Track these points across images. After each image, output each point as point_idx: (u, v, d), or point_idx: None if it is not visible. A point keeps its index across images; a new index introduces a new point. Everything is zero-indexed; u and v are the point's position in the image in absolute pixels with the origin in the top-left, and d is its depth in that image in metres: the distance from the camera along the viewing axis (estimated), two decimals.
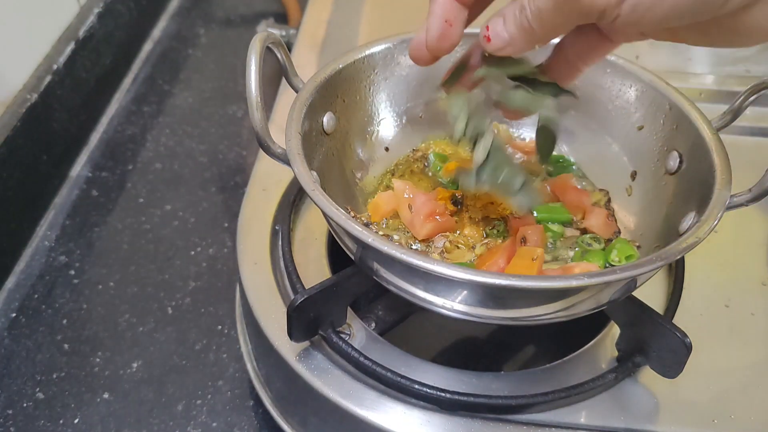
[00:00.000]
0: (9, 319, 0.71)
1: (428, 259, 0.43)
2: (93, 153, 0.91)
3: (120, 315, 0.72)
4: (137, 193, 0.85)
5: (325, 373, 0.53)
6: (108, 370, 0.67)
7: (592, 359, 0.55)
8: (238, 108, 0.98)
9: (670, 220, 0.54)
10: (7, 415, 0.63)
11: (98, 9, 0.93)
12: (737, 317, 0.59)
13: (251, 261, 0.60)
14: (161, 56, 1.07)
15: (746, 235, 0.66)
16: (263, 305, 0.58)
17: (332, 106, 0.58)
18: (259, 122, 0.48)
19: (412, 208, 0.57)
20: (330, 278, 0.52)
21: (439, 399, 0.51)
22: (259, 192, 0.66)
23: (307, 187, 0.47)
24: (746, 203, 0.49)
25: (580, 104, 0.63)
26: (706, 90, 0.80)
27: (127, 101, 0.99)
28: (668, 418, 0.52)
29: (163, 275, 0.76)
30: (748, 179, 0.50)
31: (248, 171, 0.70)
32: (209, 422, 0.63)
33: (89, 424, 0.63)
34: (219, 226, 0.81)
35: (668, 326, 0.50)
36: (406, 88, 0.63)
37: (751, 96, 0.54)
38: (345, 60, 0.59)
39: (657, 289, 0.60)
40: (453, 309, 0.48)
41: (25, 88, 0.80)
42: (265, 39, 0.49)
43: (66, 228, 0.81)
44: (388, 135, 0.64)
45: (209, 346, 0.69)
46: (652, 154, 0.59)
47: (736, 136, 0.71)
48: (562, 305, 0.47)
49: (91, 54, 0.92)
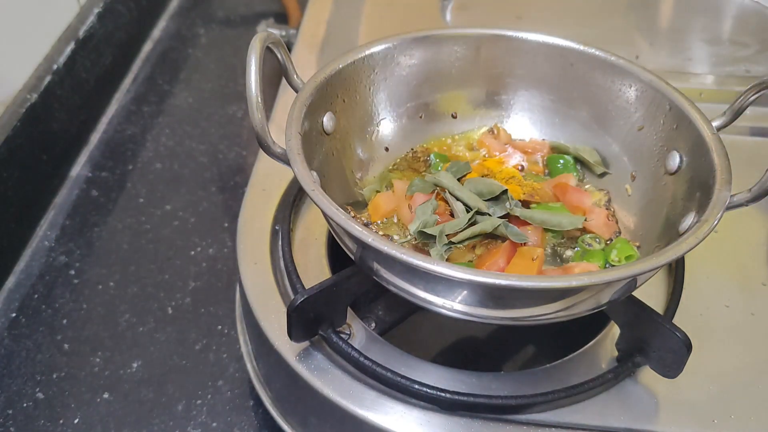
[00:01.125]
0: (9, 319, 0.71)
1: (428, 259, 0.43)
2: (93, 153, 0.91)
3: (120, 315, 0.72)
4: (137, 193, 0.85)
5: (325, 373, 0.53)
6: (108, 370, 0.67)
7: (592, 359, 0.55)
8: (238, 108, 0.98)
9: (670, 220, 0.54)
10: (7, 415, 0.63)
11: (98, 9, 0.93)
12: (737, 317, 0.59)
13: (251, 261, 0.60)
14: (161, 56, 1.07)
15: (746, 235, 0.66)
16: (263, 305, 0.58)
17: (332, 106, 0.58)
18: (259, 122, 0.48)
19: (412, 208, 0.57)
20: (330, 278, 0.52)
21: (439, 399, 0.51)
22: (259, 192, 0.66)
23: (307, 187, 0.47)
24: (746, 203, 0.49)
25: (581, 104, 0.64)
26: (706, 90, 0.80)
27: (127, 101, 0.99)
28: (668, 418, 0.52)
29: (163, 275, 0.76)
30: (748, 179, 0.49)
31: (248, 171, 0.70)
32: (209, 422, 0.63)
33: (89, 424, 0.63)
34: (219, 226, 0.81)
35: (668, 326, 0.50)
36: (406, 88, 0.63)
37: (751, 96, 0.54)
38: (345, 60, 0.59)
39: (657, 289, 0.60)
40: (453, 309, 0.48)
41: (25, 88, 0.80)
42: (265, 39, 0.49)
43: (66, 228, 0.81)
44: (388, 135, 0.64)
45: (209, 346, 0.69)
46: (652, 154, 0.59)
47: (736, 136, 0.71)
48: (562, 305, 0.47)
49: (91, 54, 0.92)
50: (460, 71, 0.64)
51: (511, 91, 0.66)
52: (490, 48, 0.64)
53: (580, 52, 0.62)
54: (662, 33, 0.93)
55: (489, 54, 0.64)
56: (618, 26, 0.92)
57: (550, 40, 0.63)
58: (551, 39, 0.63)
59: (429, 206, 0.56)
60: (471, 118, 0.66)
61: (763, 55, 0.86)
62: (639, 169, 0.60)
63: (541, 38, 0.63)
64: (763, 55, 0.86)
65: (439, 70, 0.64)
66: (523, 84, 0.65)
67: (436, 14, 0.90)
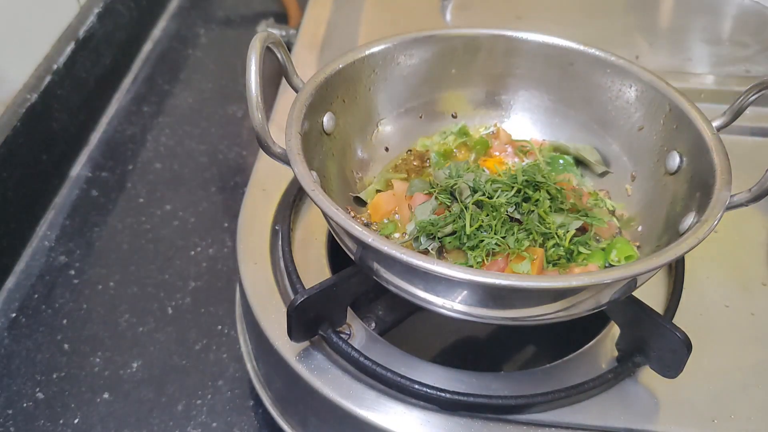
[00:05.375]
0: (9, 319, 0.71)
1: (428, 259, 0.43)
2: (93, 153, 0.91)
3: (120, 315, 0.72)
4: (137, 193, 0.85)
5: (325, 373, 0.53)
6: (108, 370, 0.67)
7: (592, 359, 0.55)
8: (238, 108, 0.98)
9: (670, 220, 0.54)
10: (7, 415, 0.63)
11: (98, 9, 0.93)
12: (737, 317, 0.59)
13: (251, 261, 0.60)
14: (161, 56, 1.07)
15: (746, 235, 0.66)
16: (263, 305, 0.58)
17: (332, 106, 0.58)
18: (259, 122, 0.48)
19: (412, 208, 0.57)
20: (330, 278, 0.52)
21: (439, 399, 0.51)
22: (259, 192, 0.66)
23: (307, 187, 0.47)
24: (746, 203, 0.49)
25: (581, 104, 0.64)
26: (706, 90, 0.80)
27: (127, 101, 0.99)
28: (668, 418, 0.52)
29: (163, 275, 0.76)
30: (748, 179, 0.49)
31: (248, 171, 0.70)
32: (209, 422, 0.63)
33: (89, 424, 0.63)
34: (219, 226, 0.81)
35: (668, 326, 0.50)
36: (406, 88, 0.63)
37: (751, 96, 0.54)
38: (345, 60, 0.59)
39: (657, 289, 0.60)
40: (453, 309, 0.48)
41: (25, 88, 0.80)
42: (265, 39, 0.49)
43: (66, 228, 0.81)
44: (388, 135, 0.64)
45: (209, 346, 0.69)
46: (652, 154, 0.59)
47: (736, 136, 0.71)
48: (562, 305, 0.47)
49: (91, 54, 0.92)
50: (460, 71, 0.65)
51: (511, 91, 0.66)
52: (490, 48, 0.64)
53: (580, 52, 0.62)
54: (662, 33, 0.93)
55: (489, 54, 0.64)
56: (618, 26, 0.92)
57: (550, 40, 0.63)
58: (551, 39, 0.63)
59: (429, 206, 0.56)
60: (471, 118, 0.66)
61: (763, 55, 0.86)
62: (639, 169, 0.60)
63: (541, 38, 0.63)
64: (763, 55, 0.86)
65: (439, 70, 0.64)
66: (523, 84, 0.65)
67: (436, 14, 0.90)
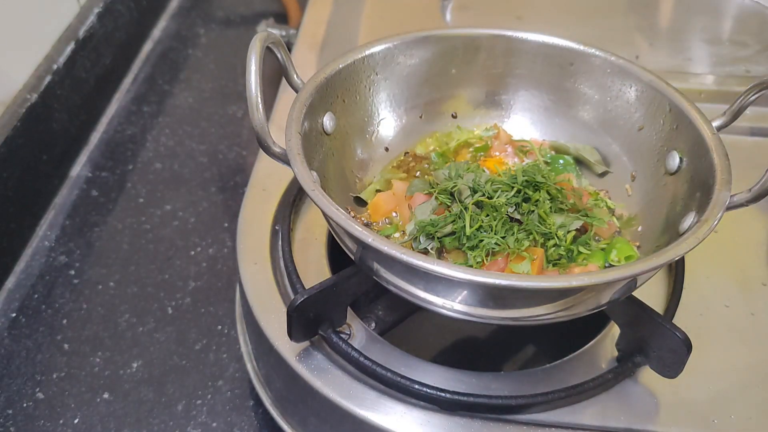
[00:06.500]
0: (9, 319, 0.71)
1: (428, 259, 0.43)
2: (93, 153, 0.91)
3: (120, 315, 0.72)
4: (137, 193, 0.85)
5: (325, 373, 0.53)
6: (108, 370, 0.67)
7: (592, 359, 0.55)
8: (238, 108, 0.98)
9: (670, 220, 0.54)
10: (7, 415, 0.63)
11: (98, 9, 0.93)
12: (737, 317, 0.59)
13: (251, 261, 0.60)
14: (161, 56, 1.07)
15: (746, 235, 0.66)
16: (263, 305, 0.58)
17: (332, 106, 0.58)
18: (259, 122, 0.48)
19: (412, 208, 0.57)
20: (330, 278, 0.52)
21: (438, 399, 0.51)
22: (259, 192, 0.66)
23: (307, 187, 0.47)
24: (746, 203, 0.49)
25: (580, 104, 0.64)
26: (706, 90, 0.80)
27: (127, 101, 0.99)
28: (668, 418, 0.52)
29: (163, 275, 0.76)
30: (748, 179, 0.49)
31: (248, 171, 0.70)
32: (209, 422, 0.63)
33: (89, 424, 0.63)
34: (219, 226, 0.81)
35: (668, 326, 0.50)
36: (405, 88, 0.63)
37: (751, 96, 0.54)
38: (345, 60, 0.59)
39: (657, 289, 0.60)
40: (453, 309, 0.48)
41: (25, 88, 0.80)
42: (265, 39, 0.49)
43: (66, 228, 0.81)
44: (388, 135, 0.64)
45: (209, 346, 0.69)
46: (652, 154, 0.59)
47: (736, 136, 0.71)
48: (563, 305, 0.47)
49: (91, 54, 0.92)
50: (460, 71, 0.65)
51: (511, 91, 0.66)
52: (490, 48, 0.64)
53: (580, 52, 0.62)
54: (662, 33, 0.93)
55: (489, 54, 0.64)
56: (618, 26, 0.92)
57: (550, 40, 0.63)
58: (551, 39, 0.63)
59: (428, 206, 0.56)
60: (471, 118, 0.66)
61: (763, 55, 0.86)
62: (639, 169, 0.60)
63: (541, 38, 0.63)
64: (763, 55, 0.86)
65: (439, 70, 0.64)
66: (523, 84, 0.65)
67: (436, 14, 0.90)
